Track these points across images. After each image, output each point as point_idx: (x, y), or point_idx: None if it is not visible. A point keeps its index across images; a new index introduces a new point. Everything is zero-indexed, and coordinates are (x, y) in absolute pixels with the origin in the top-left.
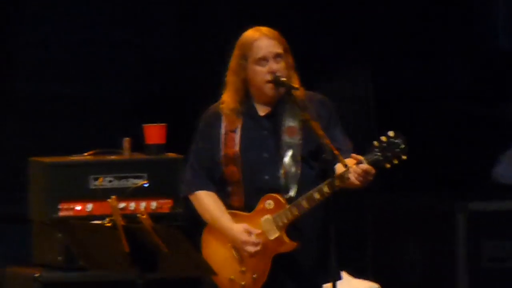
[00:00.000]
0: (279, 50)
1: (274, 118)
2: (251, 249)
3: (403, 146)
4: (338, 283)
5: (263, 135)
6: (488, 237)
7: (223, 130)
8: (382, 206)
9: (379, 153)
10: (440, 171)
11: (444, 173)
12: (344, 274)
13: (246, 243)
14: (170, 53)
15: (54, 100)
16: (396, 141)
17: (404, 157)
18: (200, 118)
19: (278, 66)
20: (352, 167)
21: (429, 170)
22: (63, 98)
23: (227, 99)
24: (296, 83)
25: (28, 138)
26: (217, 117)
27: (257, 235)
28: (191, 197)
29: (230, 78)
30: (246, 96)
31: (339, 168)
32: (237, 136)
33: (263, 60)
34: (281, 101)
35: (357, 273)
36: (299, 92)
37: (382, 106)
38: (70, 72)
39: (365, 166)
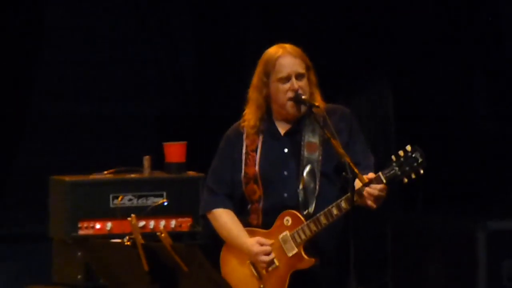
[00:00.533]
0: (301, 69)
1: (295, 135)
2: (265, 258)
3: (421, 160)
4: None
5: (283, 153)
6: (509, 256)
7: (244, 150)
8: (402, 225)
9: (396, 168)
10: (460, 190)
11: (464, 192)
12: None
13: (258, 253)
14: (190, 71)
15: (75, 119)
16: (414, 155)
17: (422, 172)
18: (223, 137)
19: (300, 84)
20: (366, 189)
21: (449, 188)
22: (84, 117)
23: (249, 116)
24: (318, 100)
25: (49, 156)
26: (239, 136)
27: (274, 248)
28: (209, 215)
29: (253, 95)
30: (267, 113)
31: (358, 183)
32: (257, 156)
33: (286, 78)
34: (302, 118)
35: None
36: (320, 109)
37: (402, 124)
38: (90, 91)
39: (378, 186)
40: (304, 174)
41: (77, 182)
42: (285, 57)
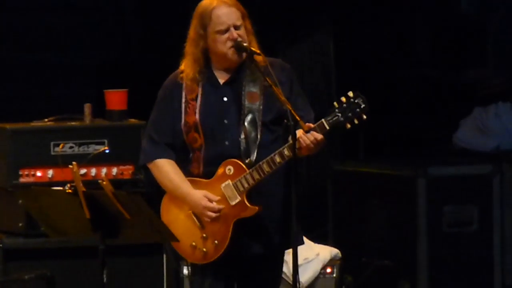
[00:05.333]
0: (238, 19)
1: (235, 84)
2: (211, 214)
3: (363, 106)
4: (299, 248)
5: (223, 101)
6: (449, 202)
7: (183, 99)
8: (343, 172)
9: (339, 114)
10: (401, 137)
11: (405, 139)
12: (304, 239)
13: (206, 208)
14: (131, 19)
15: (15, 66)
16: (356, 101)
17: (364, 117)
18: (161, 87)
19: (238, 33)
20: (301, 135)
21: (390, 135)
22: (24, 64)
23: (187, 70)
24: (255, 49)
25: None
26: (177, 86)
27: (218, 201)
28: (150, 166)
29: (190, 49)
30: (206, 64)
31: (300, 132)
32: (197, 104)
33: (225, 31)
34: (241, 68)
35: (318, 239)
36: (261, 58)
37: (343, 71)
38: (31, 39)
39: (312, 137)
40: (246, 123)
41: (18, 130)
42: (220, 8)
